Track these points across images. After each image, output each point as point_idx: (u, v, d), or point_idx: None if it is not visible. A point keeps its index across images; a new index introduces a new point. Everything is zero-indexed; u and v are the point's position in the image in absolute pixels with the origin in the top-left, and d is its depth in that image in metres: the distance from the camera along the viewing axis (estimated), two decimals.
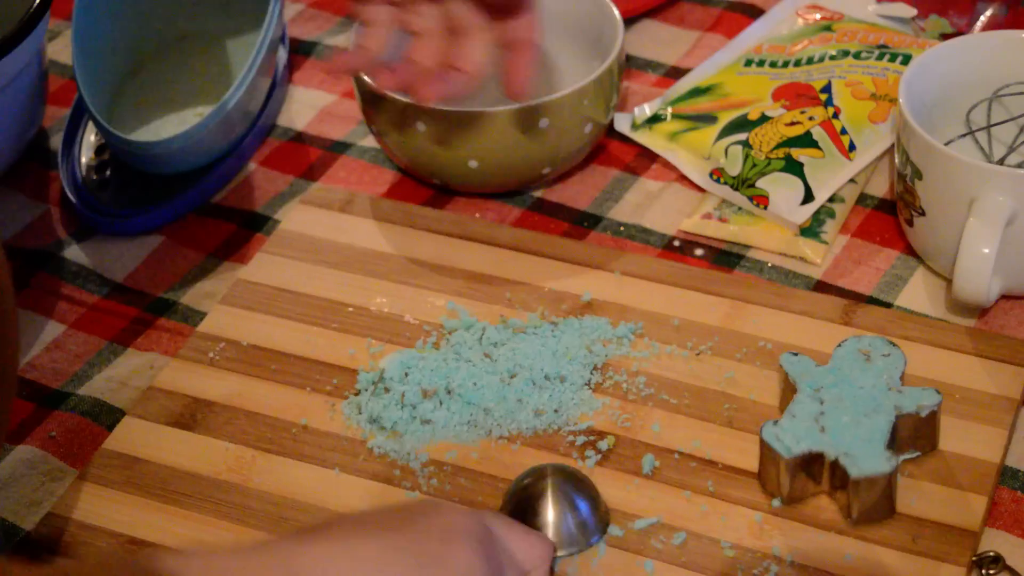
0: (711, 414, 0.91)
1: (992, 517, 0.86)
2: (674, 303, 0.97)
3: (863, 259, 1.02)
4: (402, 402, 0.92)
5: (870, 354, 0.88)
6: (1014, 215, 0.91)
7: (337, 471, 0.89)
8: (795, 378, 0.87)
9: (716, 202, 1.06)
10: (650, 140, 1.10)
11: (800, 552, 0.83)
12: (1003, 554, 0.84)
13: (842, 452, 0.83)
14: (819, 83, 1.08)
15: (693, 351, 0.94)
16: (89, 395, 0.97)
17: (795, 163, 1.03)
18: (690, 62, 1.19)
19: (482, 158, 1.03)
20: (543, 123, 1.02)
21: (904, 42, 1.11)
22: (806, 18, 1.16)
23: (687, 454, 0.89)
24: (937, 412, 0.86)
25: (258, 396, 0.94)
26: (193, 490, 0.89)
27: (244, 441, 0.91)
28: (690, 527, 0.85)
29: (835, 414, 0.85)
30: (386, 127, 1.05)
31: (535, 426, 0.91)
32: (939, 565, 0.82)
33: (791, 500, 0.85)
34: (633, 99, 1.16)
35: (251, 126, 1.13)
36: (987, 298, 0.93)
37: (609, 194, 1.08)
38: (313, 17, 1.27)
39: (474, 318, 0.97)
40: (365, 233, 1.04)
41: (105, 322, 1.02)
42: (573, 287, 0.99)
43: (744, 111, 1.08)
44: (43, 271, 1.06)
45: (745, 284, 0.98)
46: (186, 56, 1.19)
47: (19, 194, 1.12)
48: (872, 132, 1.06)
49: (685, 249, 1.04)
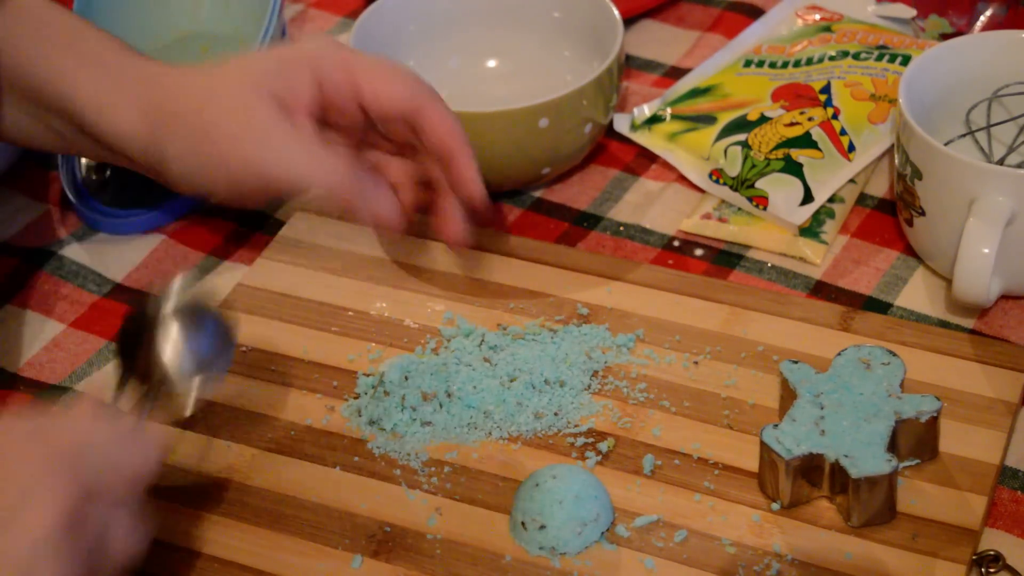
0: (711, 418, 0.91)
1: (992, 517, 0.86)
2: (673, 309, 0.97)
3: (863, 259, 1.02)
4: (402, 404, 0.92)
5: (870, 363, 0.88)
6: (1014, 215, 0.92)
7: (338, 469, 0.90)
8: (795, 384, 0.87)
9: (716, 202, 1.06)
10: (649, 140, 1.10)
11: (801, 550, 0.83)
12: (1003, 554, 0.84)
13: (842, 454, 0.83)
14: (818, 84, 1.08)
15: (692, 357, 0.94)
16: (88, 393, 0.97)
17: (794, 164, 1.03)
18: (690, 62, 1.19)
19: (482, 158, 1.03)
20: (543, 123, 1.02)
21: (904, 42, 1.11)
22: (805, 19, 1.16)
23: (687, 455, 0.89)
24: (937, 418, 0.86)
25: (258, 397, 0.94)
26: (193, 488, 0.89)
27: (244, 440, 0.92)
28: (691, 525, 0.85)
29: (835, 418, 0.85)
30: None
31: (535, 428, 0.91)
32: (939, 563, 0.82)
33: (791, 505, 0.85)
34: (633, 99, 1.16)
35: None
36: (987, 298, 0.93)
37: (609, 194, 1.08)
38: (313, 17, 1.27)
39: (473, 325, 0.97)
40: (364, 239, 1.04)
41: (105, 321, 1.02)
42: (572, 294, 0.99)
43: (743, 112, 1.08)
44: (43, 271, 1.06)
45: (744, 290, 0.98)
46: (186, 56, 1.19)
47: (19, 194, 1.12)
48: (871, 133, 1.06)
49: (685, 249, 1.04)
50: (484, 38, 1.14)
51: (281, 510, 0.88)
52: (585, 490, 0.85)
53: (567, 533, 0.84)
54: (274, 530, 0.87)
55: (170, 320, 0.81)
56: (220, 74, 0.89)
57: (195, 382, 0.81)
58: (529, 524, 0.84)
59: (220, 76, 0.89)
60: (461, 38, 1.14)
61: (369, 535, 0.86)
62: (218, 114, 0.87)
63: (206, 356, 0.81)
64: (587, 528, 0.84)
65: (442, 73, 1.14)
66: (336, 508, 0.87)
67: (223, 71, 0.90)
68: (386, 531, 0.86)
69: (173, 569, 0.85)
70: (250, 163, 0.87)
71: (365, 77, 0.90)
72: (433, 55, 1.14)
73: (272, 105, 0.87)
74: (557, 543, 0.84)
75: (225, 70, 0.90)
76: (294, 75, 0.89)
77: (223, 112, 0.87)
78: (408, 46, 1.13)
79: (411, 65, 1.12)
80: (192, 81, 0.90)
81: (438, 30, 1.14)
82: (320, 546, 0.86)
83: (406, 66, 0.94)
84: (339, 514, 0.87)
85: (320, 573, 0.84)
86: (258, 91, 0.88)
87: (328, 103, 0.90)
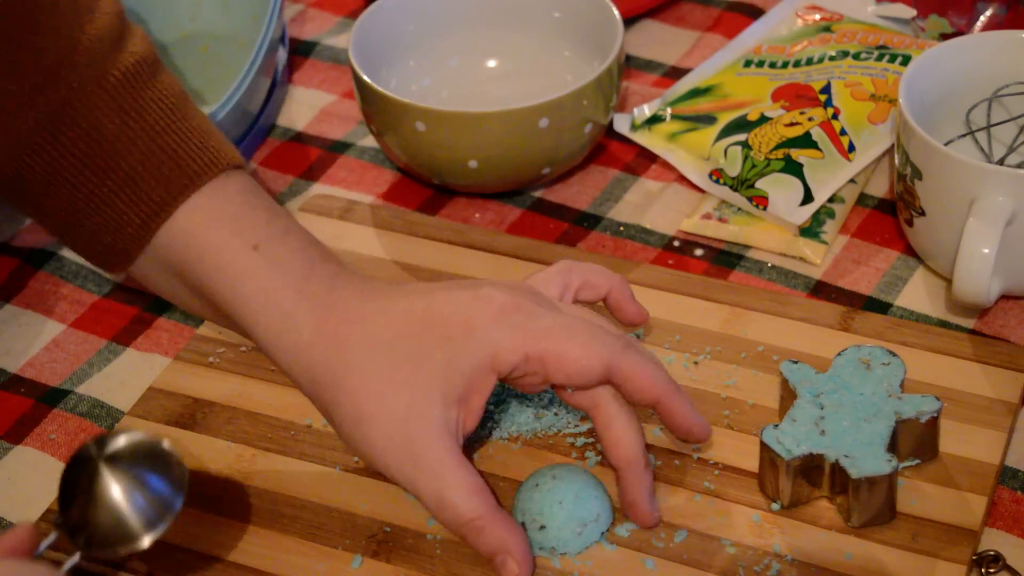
0: (711, 418, 0.90)
1: (992, 517, 0.86)
2: (673, 309, 0.97)
3: (863, 259, 1.02)
4: None
5: (870, 363, 0.88)
6: (1014, 215, 0.92)
7: (338, 469, 0.90)
8: (795, 385, 0.87)
9: (716, 202, 1.06)
10: (649, 141, 1.10)
11: (801, 550, 0.83)
12: (1003, 554, 0.84)
13: (842, 454, 0.83)
14: (818, 84, 1.08)
15: (693, 357, 0.94)
16: (88, 395, 0.97)
17: (794, 164, 1.03)
18: (690, 62, 1.19)
19: (482, 158, 1.03)
20: (543, 123, 1.02)
21: (903, 43, 1.11)
22: (805, 19, 1.16)
23: (687, 455, 0.89)
24: (937, 418, 0.86)
25: (258, 397, 0.94)
26: (193, 488, 0.89)
27: (244, 440, 0.92)
28: (691, 525, 0.85)
29: (835, 418, 0.85)
30: (386, 127, 1.05)
31: (535, 428, 0.91)
32: (939, 564, 0.82)
33: (791, 505, 0.85)
34: (633, 99, 1.16)
35: (251, 126, 1.13)
36: (987, 298, 0.93)
37: (609, 194, 1.08)
38: (313, 17, 1.27)
39: None
40: (365, 240, 1.04)
41: (105, 322, 1.02)
42: None
43: (743, 112, 1.08)
44: (43, 271, 1.05)
45: (744, 290, 0.98)
46: (186, 56, 1.19)
47: None
48: (871, 133, 1.06)
49: (685, 249, 1.04)
50: (484, 38, 1.14)
51: (281, 510, 0.88)
52: (585, 490, 0.85)
53: (567, 533, 0.84)
54: (274, 530, 0.87)
55: (114, 465, 0.76)
56: (397, 364, 0.82)
57: (136, 533, 0.76)
58: (529, 524, 0.84)
59: (396, 367, 0.82)
60: (461, 38, 1.14)
61: (369, 535, 0.86)
62: (378, 427, 0.81)
63: (150, 506, 0.76)
64: (587, 528, 0.84)
65: (442, 73, 1.14)
66: (336, 508, 0.87)
67: (402, 357, 0.82)
68: (386, 531, 0.86)
69: (173, 569, 0.85)
70: (391, 473, 0.82)
71: (553, 365, 0.81)
72: (433, 55, 1.14)
73: (437, 438, 0.81)
74: (557, 543, 0.84)
75: (404, 356, 0.82)
76: (475, 392, 0.82)
77: (384, 427, 0.81)
78: (408, 46, 1.13)
79: (411, 65, 1.12)
80: (365, 360, 0.82)
81: (438, 30, 1.14)
82: (320, 546, 0.86)
83: (591, 323, 0.83)
84: (339, 514, 0.87)
85: (320, 573, 0.84)
86: (426, 419, 0.81)
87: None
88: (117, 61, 0.86)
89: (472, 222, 1.07)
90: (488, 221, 1.07)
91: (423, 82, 1.13)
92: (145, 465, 0.77)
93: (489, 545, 0.81)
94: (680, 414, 0.83)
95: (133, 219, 0.85)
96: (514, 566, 0.81)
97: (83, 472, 0.76)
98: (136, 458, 0.77)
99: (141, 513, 0.76)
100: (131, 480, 0.76)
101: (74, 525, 0.76)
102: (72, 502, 0.76)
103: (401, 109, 1.02)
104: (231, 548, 0.86)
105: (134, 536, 0.75)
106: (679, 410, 0.83)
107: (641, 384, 0.82)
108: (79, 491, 0.76)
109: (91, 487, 0.76)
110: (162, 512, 0.76)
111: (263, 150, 1.14)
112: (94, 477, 0.76)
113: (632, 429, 0.83)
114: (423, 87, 1.13)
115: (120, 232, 0.86)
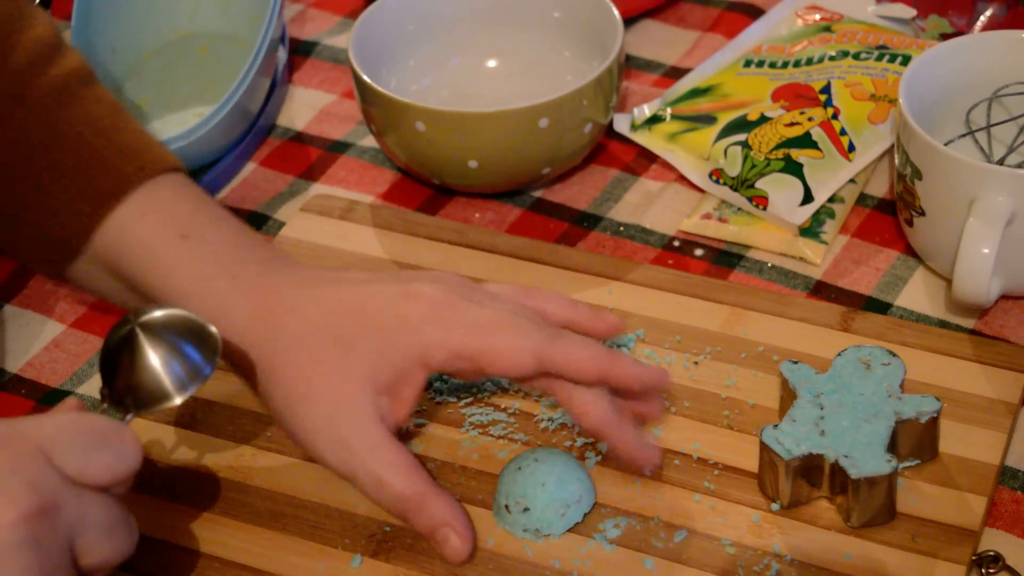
0: (711, 418, 0.91)
1: (992, 517, 0.86)
2: (673, 310, 0.97)
3: (863, 259, 1.02)
4: None
5: (870, 363, 0.88)
6: (1014, 215, 0.92)
7: None
8: (795, 385, 0.87)
9: (716, 202, 1.06)
10: (649, 141, 1.10)
11: (800, 550, 0.83)
12: (1003, 554, 0.84)
13: (842, 454, 0.83)
14: (818, 84, 1.08)
15: (693, 357, 0.94)
16: (89, 395, 0.97)
17: (794, 164, 1.03)
18: (690, 62, 1.19)
19: (482, 158, 1.03)
20: (543, 123, 1.02)
21: (904, 42, 1.11)
22: (806, 19, 1.16)
23: (687, 455, 0.89)
24: (937, 419, 0.86)
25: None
26: (193, 488, 0.89)
27: (245, 440, 0.92)
28: (691, 525, 0.85)
29: (835, 419, 0.85)
30: (386, 127, 1.05)
31: (535, 428, 0.91)
32: (939, 564, 0.82)
33: (791, 505, 0.85)
34: (633, 99, 1.16)
35: (251, 126, 1.13)
36: (987, 298, 0.93)
37: (609, 194, 1.08)
38: (313, 17, 1.27)
39: None
40: (365, 240, 1.04)
41: (105, 321, 1.02)
42: (572, 294, 0.98)
43: (743, 112, 1.08)
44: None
45: (744, 291, 0.99)
46: (186, 56, 1.19)
47: None
48: (871, 133, 1.06)
49: (685, 249, 1.04)
50: (484, 38, 1.14)
51: (281, 510, 0.88)
52: (567, 472, 0.85)
53: (551, 515, 0.84)
54: (274, 530, 0.87)
55: (152, 332, 0.82)
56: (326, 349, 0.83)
57: (177, 392, 0.81)
58: (513, 507, 0.84)
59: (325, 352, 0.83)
60: (461, 38, 1.14)
61: (369, 535, 0.86)
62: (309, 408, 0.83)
63: (187, 367, 0.81)
64: (570, 509, 0.85)
65: (442, 73, 1.14)
66: (336, 508, 0.87)
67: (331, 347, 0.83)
68: (386, 531, 0.86)
69: (173, 568, 0.85)
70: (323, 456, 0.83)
71: (484, 361, 0.82)
72: (433, 55, 1.14)
73: (367, 422, 0.82)
74: (541, 525, 0.84)
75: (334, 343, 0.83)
76: (404, 383, 0.83)
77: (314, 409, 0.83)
78: (408, 46, 1.13)
79: (411, 65, 1.12)
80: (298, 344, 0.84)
81: (438, 30, 1.14)
82: (320, 546, 0.86)
83: (519, 317, 0.84)
84: (339, 514, 0.87)
85: (320, 573, 0.84)
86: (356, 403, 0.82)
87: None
88: (48, 76, 0.88)
89: (472, 222, 1.07)
90: (488, 221, 1.07)
91: (423, 82, 1.13)
92: (180, 333, 0.82)
93: (431, 520, 0.82)
94: (630, 372, 0.84)
95: (83, 208, 0.87)
96: (456, 539, 0.82)
97: (124, 345, 0.81)
98: (172, 328, 0.82)
99: (176, 378, 0.81)
100: (169, 347, 0.82)
101: (120, 392, 0.81)
102: (116, 372, 0.81)
103: (401, 109, 1.02)
104: (231, 547, 0.86)
105: (169, 395, 0.81)
106: (628, 371, 0.83)
107: (578, 367, 0.83)
108: (121, 361, 0.81)
109: (133, 355, 0.81)
110: (193, 376, 0.82)
111: (263, 150, 1.14)
112: (134, 346, 0.81)
113: (592, 393, 0.84)
114: (423, 87, 1.13)
115: (66, 227, 0.88)
